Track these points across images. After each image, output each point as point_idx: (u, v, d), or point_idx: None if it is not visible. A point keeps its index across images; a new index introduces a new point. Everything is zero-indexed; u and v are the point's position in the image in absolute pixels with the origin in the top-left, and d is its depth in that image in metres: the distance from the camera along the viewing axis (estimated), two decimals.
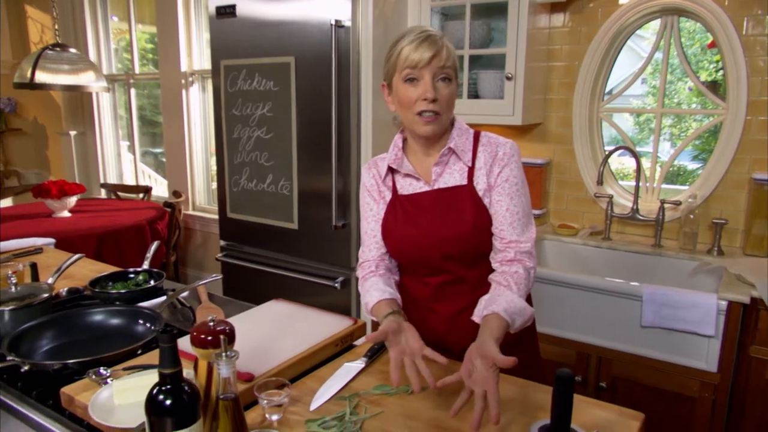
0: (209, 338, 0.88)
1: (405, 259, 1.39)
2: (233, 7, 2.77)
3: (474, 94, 2.61)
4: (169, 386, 0.81)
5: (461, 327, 1.35)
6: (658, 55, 2.52)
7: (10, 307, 1.36)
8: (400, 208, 1.37)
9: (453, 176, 1.34)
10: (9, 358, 1.17)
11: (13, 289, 1.44)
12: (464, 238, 1.30)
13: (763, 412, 1.91)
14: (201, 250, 4.41)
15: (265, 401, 1.01)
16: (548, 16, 2.58)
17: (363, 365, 1.23)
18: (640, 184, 2.49)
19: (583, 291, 2.08)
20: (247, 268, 2.99)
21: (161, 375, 0.82)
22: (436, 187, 1.34)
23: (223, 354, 0.81)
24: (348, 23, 2.44)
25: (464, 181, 1.33)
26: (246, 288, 3.00)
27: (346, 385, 1.15)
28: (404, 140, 1.40)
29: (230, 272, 3.08)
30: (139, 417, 0.94)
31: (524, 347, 1.40)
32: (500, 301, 1.19)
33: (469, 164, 1.33)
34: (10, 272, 1.50)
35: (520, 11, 2.35)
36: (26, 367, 1.16)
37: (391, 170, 1.40)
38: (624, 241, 2.48)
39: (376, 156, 1.47)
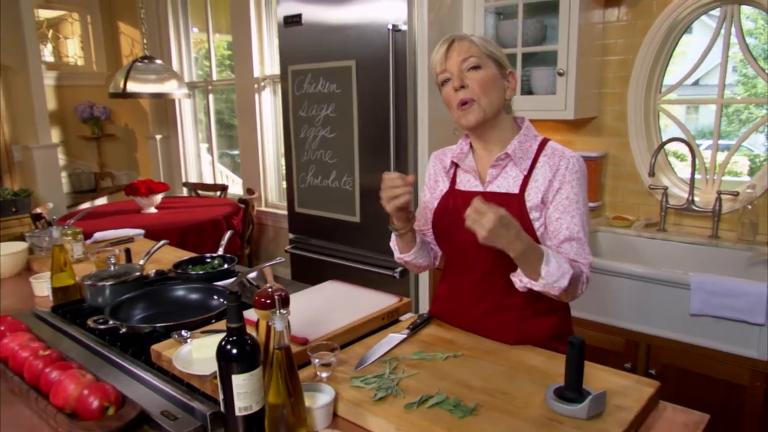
0: (267, 301, 1.05)
1: (447, 249, 1.48)
2: (299, 16, 2.99)
3: (528, 91, 2.69)
4: (235, 338, 0.99)
5: (491, 326, 1.39)
6: (751, 41, 2.41)
7: (110, 283, 1.63)
8: (452, 200, 1.43)
9: (507, 181, 1.36)
10: (111, 322, 1.41)
11: (112, 268, 1.70)
12: None
13: None
14: (273, 243, 4.70)
15: (317, 360, 1.18)
16: (602, 11, 2.62)
17: (405, 336, 1.37)
18: (701, 176, 2.48)
19: (632, 280, 2.12)
20: (313, 259, 3.20)
21: (229, 329, 1.00)
22: (488, 189, 1.37)
23: (278, 311, 0.97)
24: (404, 27, 2.58)
25: (516, 189, 1.34)
26: (312, 278, 3.20)
27: (388, 351, 1.30)
28: None
29: (298, 263, 3.30)
30: (213, 367, 1.13)
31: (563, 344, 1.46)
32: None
33: (525, 173, 1.33)
34: (109, 255, 1.77)
35: (571, 8, 2.41)
36: (124, 330, 1.40)
37: (455, 163, 1.46)
38: (679, 232, 2.49)
39: (446, 147, 1.52)
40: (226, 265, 1.91)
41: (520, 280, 1.28)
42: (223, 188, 4.78)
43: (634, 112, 2.65)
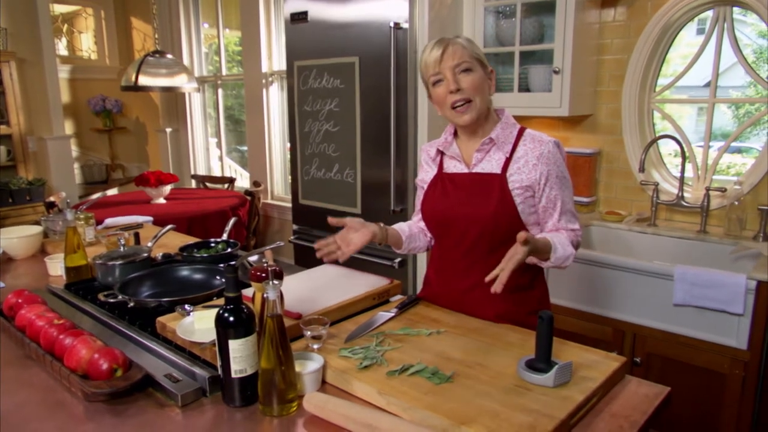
0: (262, 274, 1.15)
1: (435, 227, 1.59)
2: (305, 13, 3.08)
3: (525, 88, 2.77)
4: (231, 306, 1.09)
5: (475, 300, 1.50)
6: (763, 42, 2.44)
7: (119, 262, 1.73)
8: (440, 183, 1.57)
9: (491, 163, 1.49)
10: (120, 296, 1.51)
11: (121, 249, 1.81)
12: (484, 219, 1.45)
13: None
14: (278, 235, 4.80)
15: (308, 332, 1.27)
16: (599, 11, 2.70)
17: (393, 314, 1.46)
18: (693, 173, 2.55)
19: (619, 271, 2.20)
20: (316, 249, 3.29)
21: (226, 298, 1.10)
22: (474, 170, 1.51)
23: (271, 282, 1.07)
24: (406, 25, 2.67)
25: (498, 170, 1.47)
26: (314, 267, 3.30)
27: (377, 327, 1.39)
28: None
29: (301, 253, 3.40)
30: (213, 336, 1.23)
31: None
32: (551, 235, 1.44)
33: (508, 155, 1.47)
34: (119, 238, 1.87)
35: (567, 8, 2.49)
36: (132, 304, 1.50)
37: (440, 151, 1.60)
38: (669, 227, 2.56)
39: (433, 140, 1.67)
40: (229, 249, 2.01)
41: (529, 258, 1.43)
42: (231, 181, 4.89)
43: (628, 110, 2.72)
